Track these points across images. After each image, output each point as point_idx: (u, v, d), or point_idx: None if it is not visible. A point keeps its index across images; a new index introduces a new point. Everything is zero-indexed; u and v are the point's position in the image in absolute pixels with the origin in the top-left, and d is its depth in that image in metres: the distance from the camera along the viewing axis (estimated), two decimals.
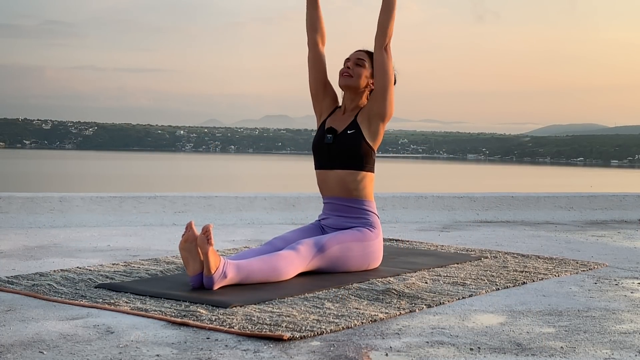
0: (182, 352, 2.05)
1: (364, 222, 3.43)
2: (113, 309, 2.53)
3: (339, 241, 3.29)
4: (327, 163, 3.49)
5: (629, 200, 6.79)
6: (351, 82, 3.52)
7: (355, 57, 3.56)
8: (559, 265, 3.68)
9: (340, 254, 3.28)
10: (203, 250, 2.83)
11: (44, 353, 2.02)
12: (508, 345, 2.21)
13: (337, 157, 3.45)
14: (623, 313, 2.67)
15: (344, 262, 3.30)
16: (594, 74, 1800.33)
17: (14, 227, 4.92)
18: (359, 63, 3.54)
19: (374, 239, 3.42)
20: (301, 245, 3.19)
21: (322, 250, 3.23)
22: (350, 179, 3.43)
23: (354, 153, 3.43)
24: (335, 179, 3.47)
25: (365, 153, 3.44)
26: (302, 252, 3.16)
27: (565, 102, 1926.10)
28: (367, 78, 3.54)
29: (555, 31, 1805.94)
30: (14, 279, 3.00)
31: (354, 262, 3.34)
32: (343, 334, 2.28)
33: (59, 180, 33.39)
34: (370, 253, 3.39)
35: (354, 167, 3.43)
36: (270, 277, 3.02)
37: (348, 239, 3.33)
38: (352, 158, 3.43)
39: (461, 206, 6.20)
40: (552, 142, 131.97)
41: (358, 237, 3.37)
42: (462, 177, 38.44)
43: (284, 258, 3.09)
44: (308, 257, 3.18)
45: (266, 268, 3.01)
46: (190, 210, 5.52)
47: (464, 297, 2.87)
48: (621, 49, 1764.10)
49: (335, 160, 3.46)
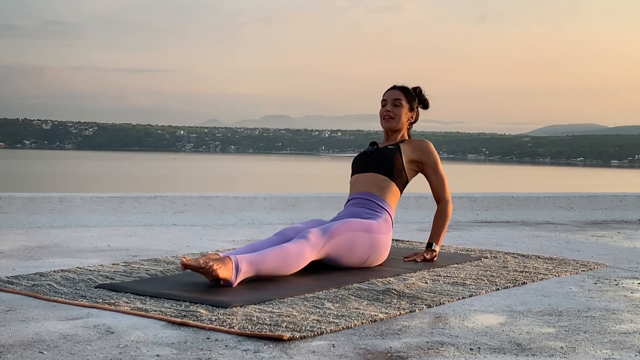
0: (182, 352, 2.05)
1: (377, 216, 3.53)
2: (113, 309, 2.53)
3: (347, 228, 3.34)
4: (363, 168, 3.74)
5: (629, 200, 6.80)
6: (393, 124, 3.80)
7: (392, 98, 3.83)
8: (559, 265, 3.68)
9: (347, 242, 3.32)
10: (210, 278, 2.84)
11: (44, 353, 2.02)
12: (508, 345, 2.21)
13: (372, 163, 3.71)
14: (623, 313, 2.67)
15: (349, 250, 3.33)
16: (594, 74, 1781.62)
17: (14, 227, 4.92)
18: (396, 104, 3.81)
19: (382, 234, 3.48)
20: (311, 234, 3.22)
21: (331, 236, 3.27)
22: (379, 179, 3.64)
23: (389, 161, 3.68)
24: (365, 179, 3.68)
25: (397, 167, 3.68)
26: (312, 241, 3.20)
27: (565, 102, 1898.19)
28: (407, 114, 3.83)
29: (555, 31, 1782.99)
30: (14, 279, 3.00)
31: (359, 251, 3.37)
32: (343, 334, 2.28)
33: (59, 180, 33.40)
34: (375, 246, 3.43)
35: (384, 173, 3.65)
36: (283, 268, 3.06)
37: (357, 227, 3.38)
38: (385, 165, 3.67)
39: (461, 206, 6.21)
40: (552, 142, 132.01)
41: (366, 227, 3.42)
42: (462, 177, 38.43)
43: (296, 248, 3.12)
44: (318, 245, 3.22)
45: (278, 259, 3.04)
46: (190, 210, 5.52)
47: (464, 297, 2.87)
48: (621, 49, 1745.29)
49: (370, 165, 3.71)
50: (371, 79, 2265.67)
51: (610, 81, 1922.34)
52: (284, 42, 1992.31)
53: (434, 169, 3.77)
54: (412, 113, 3.85)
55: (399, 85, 3.86)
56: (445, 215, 3.76)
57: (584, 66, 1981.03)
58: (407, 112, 3.82)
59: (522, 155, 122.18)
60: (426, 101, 3.88)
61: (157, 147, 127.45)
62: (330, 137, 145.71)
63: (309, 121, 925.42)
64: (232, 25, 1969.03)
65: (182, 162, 72.96)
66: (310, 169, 20.69)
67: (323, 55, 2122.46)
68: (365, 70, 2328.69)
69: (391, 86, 3.87)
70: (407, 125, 3.86)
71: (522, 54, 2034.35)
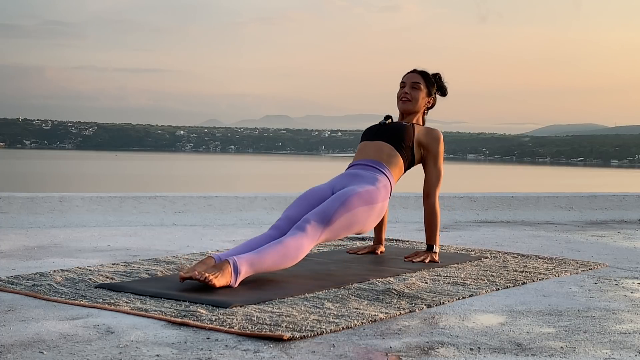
0: (182, 352, 2.05)
1: (377, 180, 3.48)
2: (113, 309, 2.53)
3: (347, 209, 3.27)
4: (372, 138, 3.73)
5: (629, 200, 6.80)
6: (410, 106, 3.79)
7: (411, 81, 3.81)
8: (559, 265, 3.68)
9: (345, 222, 3.27)
10: (211, 285, 2.83)
11: (44, 353, 2.02)
12: (508, 345, 2.21)
13: (383, 134, 3.70)
14: (623, 313, 2.67)
15: (347, 228, 3.30)
16: (594, 74, 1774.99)
17: (14, 227, 4.92)
18: (415, 86, 3.80)
19: (380, 201, 3.43)
20: (309, 225, 3.16)
21: (329, 222, 3.22)
22: (386, 148, 3.64)
23: (399, 135, 3.67)
24: (372, 147, 3.67)
25: (407, 143, 3.67)
26: (310, 232, 3.15)
27: (565, 102, 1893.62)
28: (424, 99, 3.81)
29: (555, 31, 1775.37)
30: (14, 279, 3.00)
31: (356, 226, 3.34)
32: (343, 334, 2.28)
33: (59, 180, 33.39)
34: (371, 216, 3.39)
35: (393, 144, 3.65)
36: (282, 264, 3.04)
37: (355, 204, 3.30)
38: (396, 137, 3.66)
39: (461, 206, 6.21)
40: (552, 142, 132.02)
41: (365, 199, 3.35)
42: (462, 177, 38.44)
43: (294, 242, 3.08)
44: (316, 234, 3.18)
45: (277, 256, 3.01)
46: (190, 210, 5.52)
47: (464, 297, 2.87)
48: (621, 49, 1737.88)
49: (380, 136, 3.71)
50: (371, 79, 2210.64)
51: (610, 81, 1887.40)
52: (284, 42, 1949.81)
53: (435, 161, 3.74)
54: (430, 98, 3.84)
55: (419, 70, 3.85)
56: (437, 214, 3.74)
57: (584, 66, 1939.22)
58: (424, 97, 3.80)
59: (522, 155, 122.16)
60: (444, 88, 3.87)
61: (157, 147, 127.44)
62: (330, 137, 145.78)
63: (309, 121, 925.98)
64: (232, 25, 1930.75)
65: (182, 162, 72.95)
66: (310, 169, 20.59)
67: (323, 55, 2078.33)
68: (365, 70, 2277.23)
69: (411, 69, 3.87)
70: (424, 109, 3.85)
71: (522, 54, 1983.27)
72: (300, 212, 3.32)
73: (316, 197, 3.41)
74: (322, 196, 3.41)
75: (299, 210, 3.34)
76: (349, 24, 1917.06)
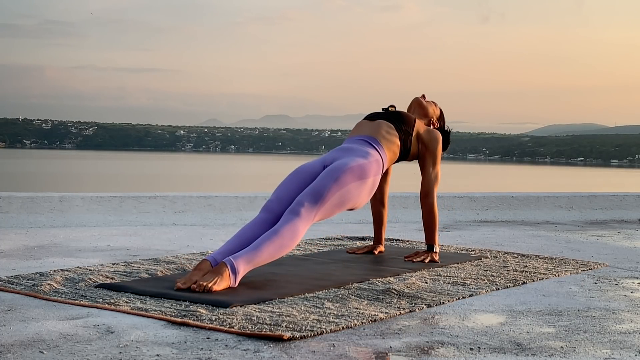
0: (182, 352, 2.06)
1: (369, 155, 3.42)
2: (113, 309, 2.53)
3: (339, 186, 3.21)
4: (372, 118, 3.71)
5: (629, 200, 6.80)
6: (426, 103, 3.91)
7: (431, 101, 3.98)
8: (559, 265, 3.68)
9: (339, 199, 3.23)
10: (212, 292, 2.82)
11: (44, 353, 2.02)
12: (508, 345, 2.21)
13: (384, 116, 3.70)
14: (623, 313, 2.67)
15: (340, 205, 3.26)
16: (594, 74, 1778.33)
17: (14, 227, 4.92)
18: (431, 105, 3.94)
19: (372, 176, 3.38)
20: (303, 209, 3.10)
21: (323, 202, 3.17)
22: (385, 126, 3.62)
23: (401, 119, 3.68)
24: (370, 125, 3.65)
25: (407, 128, 3.66)
26: (304, 215, 3.10)
27: (565, 102, 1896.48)
28: (432, 118, 3.91)
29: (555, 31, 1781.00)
30: (14, 279, 3.00)
31: (349, 203, 3.30)
32: (343, 334, 2.28)
33: (59, 180, 33.38)
34: (363, 191, 3.34)
35: (393, 123, 3.65)
36: (280, 253, 3.02)
37: (348, 180, 3.25)
38: (396, 120, 3.67)
39: (461, 206, 6.21)
40: (552, 142, 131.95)
41: (358, 174, 3.30)
42: (462, 176, 38.44)
43: (289, 228, 3.03)
44: (311, 216, 3.13)
45: (274, 247, 2.98)
46: (190, 210, 5.52)
47: (464, 297, 2.87)
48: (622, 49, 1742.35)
49: (381, 117, 3.70)
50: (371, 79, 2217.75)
51: (610, 81, 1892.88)
52: (284, 41, 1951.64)
53: (434, 160, 3.73)
54: (433, 123, 3.92)
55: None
56: (435, 213, 3.74)
57: (584, 66, 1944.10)
58: (435, 121, 3.93)
59: (522, 155, 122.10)
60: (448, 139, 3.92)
61: (157, 147, 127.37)
62: (330, 137, 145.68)
63: (309, 121, 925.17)
64: (232, 25, 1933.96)
65: (182, 161, 72.95)
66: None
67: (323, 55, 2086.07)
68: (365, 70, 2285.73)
69: None
70: (425, 121, 3.87)
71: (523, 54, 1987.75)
72: (291, 191, 3.26)
73: (307, 174, 3.34)
74: (313, 172, 3.34)
75: (289, 189, 3.26)
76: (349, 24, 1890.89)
